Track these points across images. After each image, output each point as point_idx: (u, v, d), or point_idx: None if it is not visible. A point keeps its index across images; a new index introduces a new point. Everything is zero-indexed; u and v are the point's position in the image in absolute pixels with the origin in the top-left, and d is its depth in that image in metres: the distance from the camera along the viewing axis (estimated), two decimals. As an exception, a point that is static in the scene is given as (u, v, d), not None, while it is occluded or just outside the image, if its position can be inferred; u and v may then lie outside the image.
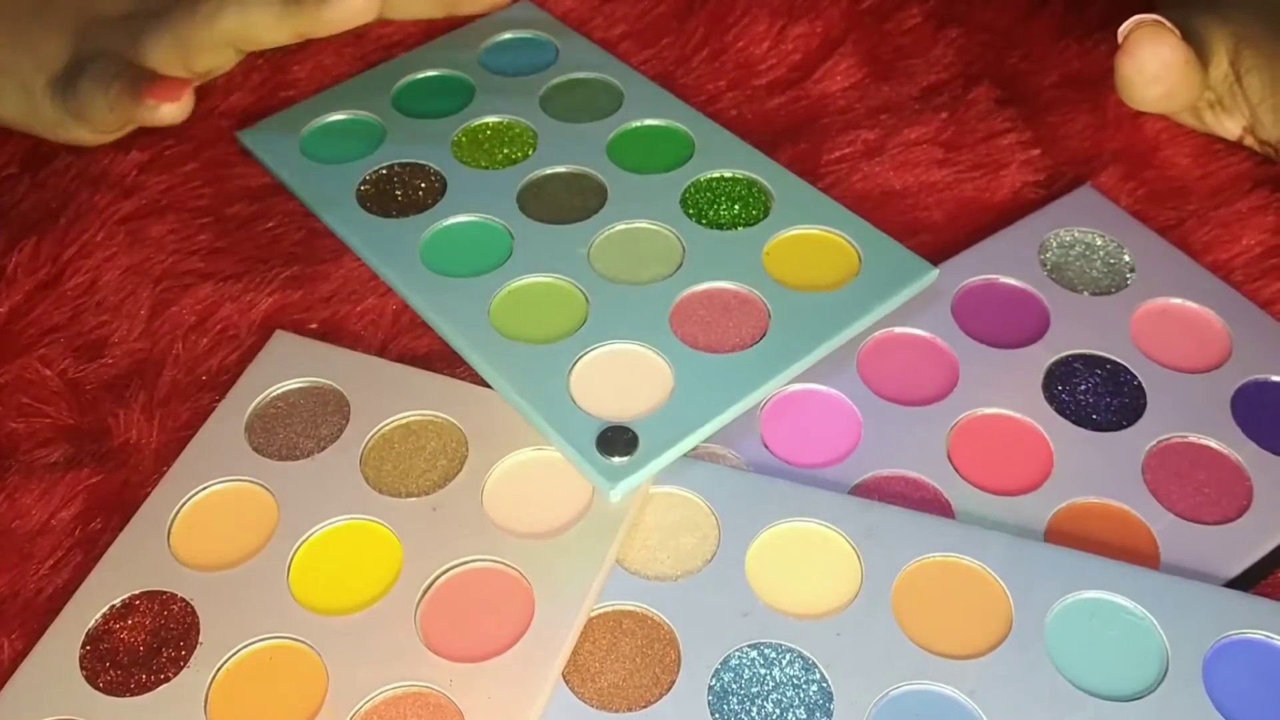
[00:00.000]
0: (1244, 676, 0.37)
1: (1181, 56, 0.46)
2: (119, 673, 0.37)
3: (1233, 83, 0.49)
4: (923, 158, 0.53)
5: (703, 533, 0.40)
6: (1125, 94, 0.48)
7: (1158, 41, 0.46)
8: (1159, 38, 0.46)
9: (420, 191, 0.50)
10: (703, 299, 0.45)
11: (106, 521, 0.41)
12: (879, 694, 0.36)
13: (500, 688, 0.36)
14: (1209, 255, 0.49)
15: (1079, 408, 0.44)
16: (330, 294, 0.48)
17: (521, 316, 0.45)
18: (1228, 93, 0.49)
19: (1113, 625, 0.38)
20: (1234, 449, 0.42)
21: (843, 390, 0.44)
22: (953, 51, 0.58)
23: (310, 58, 0.57)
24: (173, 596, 0.39)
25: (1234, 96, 0.49)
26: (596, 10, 0.60)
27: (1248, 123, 0.50)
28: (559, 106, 0.54)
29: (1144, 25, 0.46)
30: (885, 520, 0.40)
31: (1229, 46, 0.48)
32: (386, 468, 0.42)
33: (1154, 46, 0.46)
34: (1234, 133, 0.51)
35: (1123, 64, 0.47)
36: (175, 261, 0.49)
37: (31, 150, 0.53)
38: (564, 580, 0.38)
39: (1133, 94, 0.48)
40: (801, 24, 0.58)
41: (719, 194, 0.49)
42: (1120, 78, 0.48)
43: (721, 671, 0.37)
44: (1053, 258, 0.48)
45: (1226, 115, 0.50)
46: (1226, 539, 0.40)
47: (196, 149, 0.53)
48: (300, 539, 0.40)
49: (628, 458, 0.40)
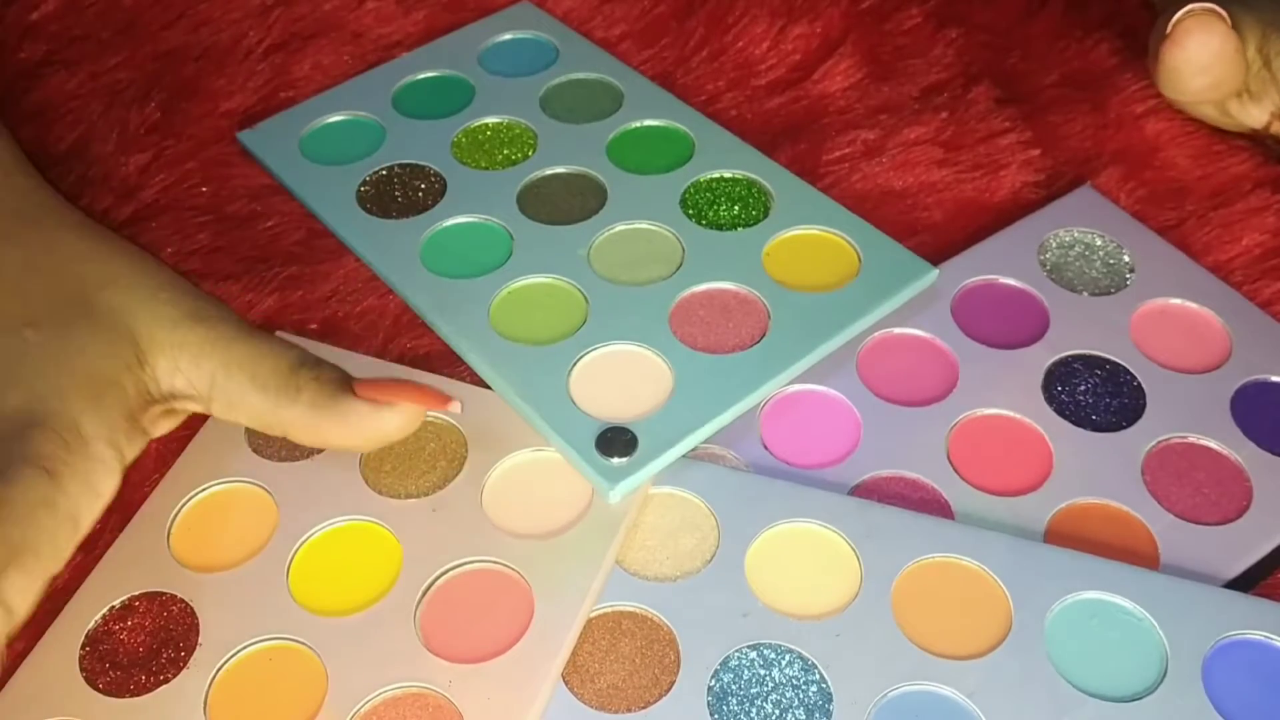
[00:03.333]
0: (1243, 677, 0.37)
1: (1232, 45, 0.46)
2: (119, 674, 0.37)
3: (1260, 68, 0.48)
4: (922, 158, 0.53)
5: (702, 533, 0.40)
6: (1169, 85, 0.48)
7: (1208, 31, 0.45)
8: (1210, 27, 0.45)
9: (420, 192, 0.50)
10: (702, 299, 0.45)
11: (105, 521, 0.41)
12: (878, 695, 0.36)
13: (500, 689, 0.36)
14: (1209, 256, 0.49)
15: (1078, 408, 0.44)
16: (330, 294, 0.48)
17: (521, 317, 0.45)
18: (1256, 79, 0.49)
19: (1112, 626, 0.38)
20: (1233, 449, 0.42)
21: (842, 391, 0.44)
22: (952, 51, 0.58)
23: (310, 58, 0.57)
24: (172, 597, 0.39)
25: (1263, 82, 0.49)
26: (596, 10, 0.60)
27: (1276, 108, 0.49)
28: (559, 107, 0.54)
29: (1194, 14, 0.45)
30: (885, 521, 0.40)
31: (1257, 33, 0.48)
32: (386, 469, 0.42)
33: (1204, 36, 0.46)
34: (1261, 120, 0.50)
35: (1171, 54, 0.46)
36: (174, 262, 0.49)
37: (31, 152, 0.53)
38: (563, 581, 0.38)
39: (1178, 84, 0.47)
40: (801, 24, 0.58)
41: (719, 194, 0.49)
42: (1166, 69, 0.47)
43: (721, 672, 0.37)
44: (1052, 258, 0.48)
45: (1254, 103, 0.50)
46: (1226, 539, 0.40)
47: (196, 149, 0.53)
48: (300, 540, 0.40)
49: (627, 459, 0.40)
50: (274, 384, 0.39)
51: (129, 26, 0.59)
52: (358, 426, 0.38)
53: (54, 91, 0.55)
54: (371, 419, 0.38)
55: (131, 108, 0.54)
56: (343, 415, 0.38)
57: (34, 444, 0.36)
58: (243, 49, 0.57)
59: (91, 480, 0.37)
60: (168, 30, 0.58)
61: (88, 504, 0.37)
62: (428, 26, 0.59)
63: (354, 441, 0.39)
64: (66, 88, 0.55)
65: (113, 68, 0.56)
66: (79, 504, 0.36)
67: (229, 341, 0.40)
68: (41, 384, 0.37)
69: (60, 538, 0.36)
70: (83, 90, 0.55)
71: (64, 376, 0.38)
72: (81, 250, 0.42)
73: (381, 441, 0.39)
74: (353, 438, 0.39)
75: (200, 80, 0.56)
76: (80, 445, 0.37)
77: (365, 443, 0.39)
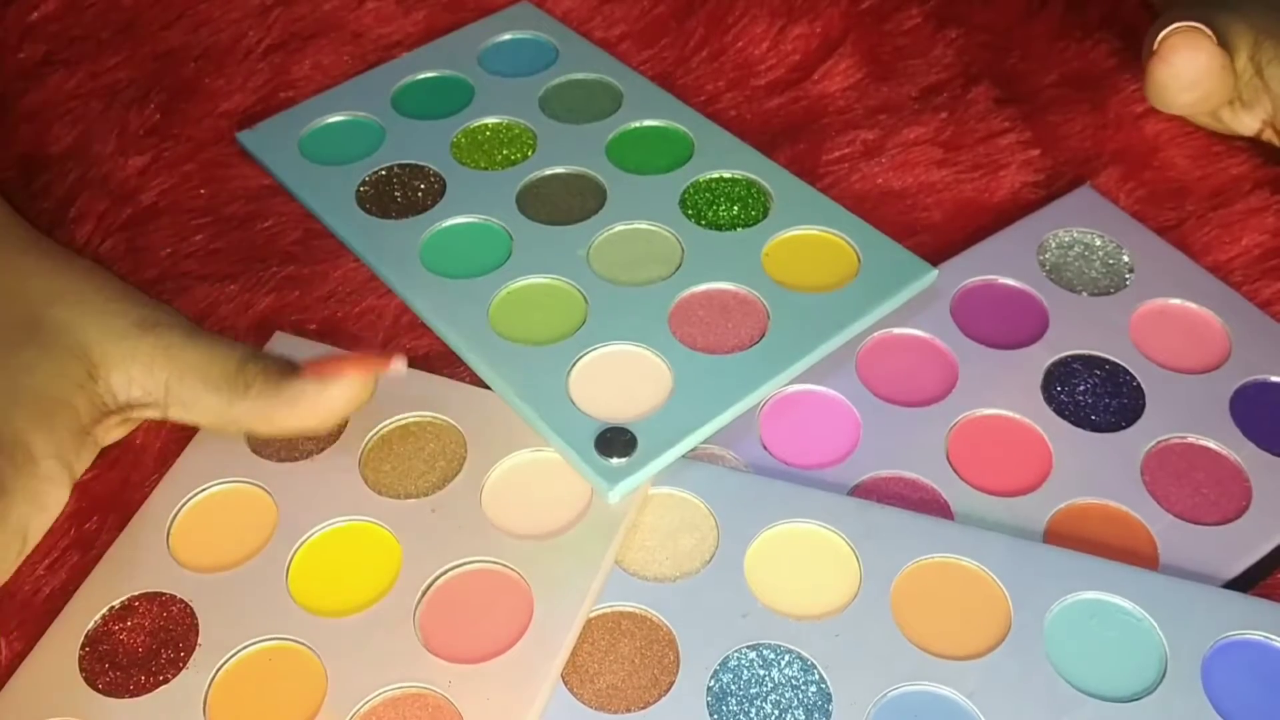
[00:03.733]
0: (1243, 677, 0.37)
1: (1219, 61, 0.46)
2: (118, 674, 0.37)
3: (1252, 76, 0.48)
4: (922, 158, 0.53)
5: (701, 534, 0.40)
6: (1158, 99, 0.48)
7: (1194, 47, 0.46)
8: (1196, 43, 0.46)
9: (419, 193, 0.50)
10: (702, 300, 0.45)
11: (103, 521, 0.41)
12: (878, 695, 0.36)
13: (499, 689, 0.36)
14: (1208, 256, 0.49)
15: (1078, 408, 0.44)
16: (329, 294, 0.48)
17: (520, 317, 0.45)
18: (1248, 87, 0.49)
19: (1112, 626, 0.38)
20: (1233, 450, 0.42)
21: (842, 391, 0.44)
22: (952, 52, 0.58)
23: (310, 58, 0.57)
24: (172, 598, 0.39)
25: (1255, 90, 0.49)
26: (596, 11, 0.60)
27: (1268, 115, 0.49)
28: (558, 107, 0.54)
29: (1180, 31, 0.46)
30: (884, 521, 0.40)
31: (1249, 41, 0.48)
32: (385, 469, 0.42)
33: (1191, 52, 0.46)
34: (1253, 128, 0.50)
35: (1158, 70, 0.47)
36: (172, 263, 0.49)
37: (30, 152, 0.53)
38: (563, 581, 0.38)
39: (1166, 99, 0.48)
40: (801, 24, 0.58)
41: (718, 194, 0.49)
42: (1155, 83, 0.47)
43: (720, 672, 0.37)
44: (1052, 258, 0.48)
45: (1246, 111, 0.50)
46: (1225, 540, 0.40)
47: (195, 150, 0.53)
48: (299, 540, 0.40)
49: (626, 459, 0.40)
50: (225, 383, 0.40)
51: (128, 26, 0.59)
52: (308, 406, 0.39)
53: (53, 91, 0.55)
54: (319, 397, 0.39)
55: (131, 108, 0.54)
56: (292, 399, 0.39)
57: None
58: (242, 49, 0.57)
59: (39, 498, 0.38)
60: (167, 30, 0.58)
61: (36, 521, 0.38)
62: (427, 26, 0.59)
63: (307, 421, 0.40)
64: (65, 87, 0.55)
65: (112, 68, 0.56)
66: (28, 520, 0.38)
67: (179, 348, 0.41)
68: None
69: (9, 552, 0.37)
70: (82, 90, 0.55)
71: (11, 398, 0.39)
72: (26, 266, 0.42)
73: (333, 417, 0.40)
74: (305, 418, 0.40)
75: (199, 80, 0.56)
76: (29, 464, 0.38)
77: (318, 421, 0.40)
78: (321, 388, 0.39)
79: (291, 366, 0.40)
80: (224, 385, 0.40)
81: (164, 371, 0.40)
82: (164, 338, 0.41)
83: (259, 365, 0.40)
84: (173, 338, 0.41)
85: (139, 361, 0.40)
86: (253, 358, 0.40)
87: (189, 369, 0.40)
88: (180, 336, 0.41)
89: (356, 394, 0.40)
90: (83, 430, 0.40)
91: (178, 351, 0.40)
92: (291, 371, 0.40)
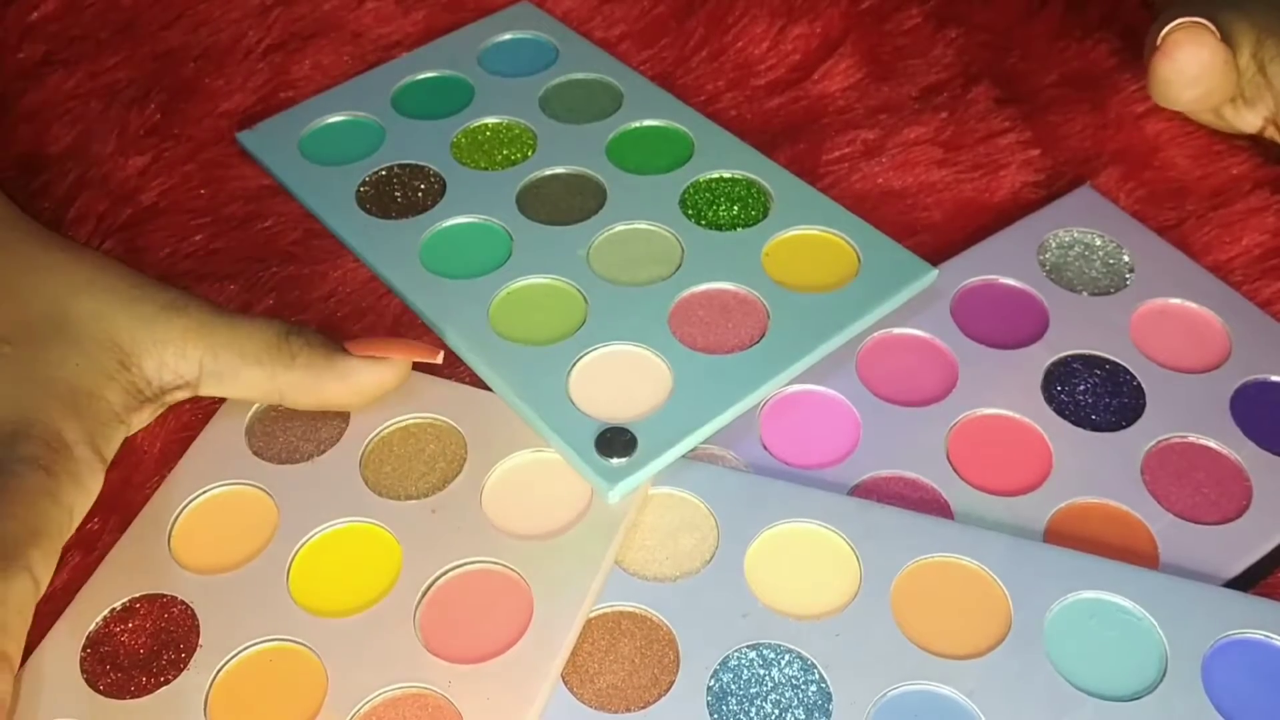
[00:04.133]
0: (1243, 677, 0.37)
1: (1221, 57, 0.46)
2: (119, 675, 0.37)
3: (1255, 73, 0.48)
4: (922, 158, 0.53)
5: (701, 534, 0.40)
6: (1161, 95, 0.48)
7: (1198, 43, 0.46)
8: (1199, 39, 0.46)
9: (419, 193, 0.50)
10: (702, 300, 0.45)
11: (105, 522, 0.41)
12: (878, 694, 0.36)
13: (499, 689, 0.36)
14: (1208, 256, 0.49)
15: (1078, 408, 0.44)
16: (328, 294, 0.48)
17: (520, 318, 0.45)
18: (1250, 84, 0.49)
19: (1112, 625, 0.38)
20: (1233, 449, 0.42)
21: (842, 391, 0.44)
22: (952, 51, 0.58)
23: (309, 58, 0.57)
24: (173, 599, 0.39)
25: (1257, 87, 0.49)
26: (596, 10, 0.60)
27: (1270, 113, 0.49)
28: (558, 107, 0.54)
29: (1183, 27, 0.46)
30: (884, 521, 0.40)
31: (1251, 39, 0.48)
32: (386, 470, 0.42)
33: (1194, 48, 0.46)
34: (1255, 125, 0.50)
35: (1161, 66, 0.47)
36: (171, 263, 0.49)
37: (29, 152, 0.53)
38: (563, 581, 0.38)
39: (1169, 95, 0.48)
40: (801, 24, 0.58)
41: (718, 194, 0.49)
42: (1158, 80, 0.47)
43: (720, 672, 0.37)
44: (1052, 258, 0.48)
45: (1248, 108, 0.50)
46: (1225, 539, 0.40)
47: (194, 150, 0.53)
48: (300, 541, 0.40)
49: (626, 459, 0.40)
50: (266, 357, 0.41)
51: (128, 26, 0.59)
52: (356, 381, 0.41)
53: (53, 91, 0.55)
54: (369, 373, 0.41)
55: (130, 108, 0.54)
56: (341, 373, 0.41)
57: (26, 448, 0.37)
58: (242, 49, 0.57)
59: (80, 479, 0.38)
60: (167, 30, 0.58)
61: (80, 499, 0.39)
62: (427, 26, 0.59)
63: (352, 397, 0.42)
64: (65, 87, 0.55)
65: (111, 67, 0.56)
66: (73, 498, 0.38)
67: (211, 326, 0.41)
68: (24, 398, 0.39)
69: (62, 526, 0.38)
70: (81, 90, 0.55)
71: (44, 390, 0.39)
72: (48, 261, 0.42)
73: (377, 394, 0.42)
74: (351, 393, 0.42)
75: (199, 80, 0.56)
76: (65, 450, 0.38)
77: (362, 398, 0.42)
78: (371, 365, 0.41)
79: (334, 342, 0.42)
80: (265, 358, 0.41)
81: (198, 350, 0.41)
82: (195, 317, 0.41)
83: (303, 339, 0.41)
84: (203, 316, 0.41)
85: (171, 344, 0.41)
86: (295, 331, 0.42)
87: (224, 345, 0.41)
88: (210, 314, 0.42)
89: (399, 377, 0.42)
90: (115, 418, 0.40)
91: (210, 329, 0.41)
92: (337, 346, 0.41)
